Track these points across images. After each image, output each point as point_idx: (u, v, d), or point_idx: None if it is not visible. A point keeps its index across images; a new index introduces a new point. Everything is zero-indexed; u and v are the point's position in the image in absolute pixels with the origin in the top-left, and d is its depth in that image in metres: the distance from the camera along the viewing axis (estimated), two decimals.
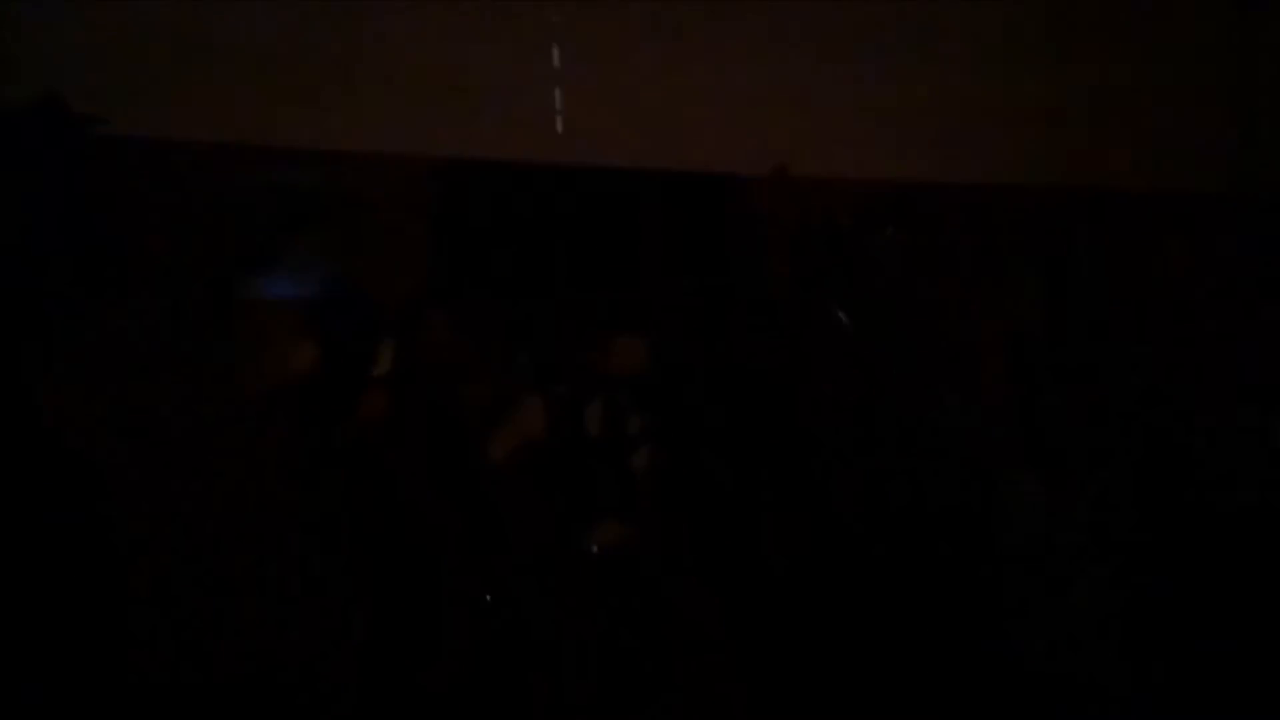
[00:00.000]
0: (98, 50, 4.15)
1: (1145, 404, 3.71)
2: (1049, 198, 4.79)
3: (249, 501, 3.17)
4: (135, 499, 3.33)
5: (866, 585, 3.58)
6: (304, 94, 4.32)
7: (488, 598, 3.54)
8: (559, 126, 4.65)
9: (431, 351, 3.60)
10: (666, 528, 3.62)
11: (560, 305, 4.30)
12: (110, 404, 3.76)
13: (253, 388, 3.29)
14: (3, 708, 2.90)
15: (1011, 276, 4.36)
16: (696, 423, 3.89)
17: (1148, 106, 4.87)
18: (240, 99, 4.28)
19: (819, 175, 4.64)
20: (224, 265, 3.95)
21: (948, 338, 4.40)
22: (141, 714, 3.00)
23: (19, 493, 3.10)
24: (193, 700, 3.01)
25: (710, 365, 4.27)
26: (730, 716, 3.40)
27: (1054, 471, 3.48)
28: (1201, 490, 3.52)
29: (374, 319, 3.51)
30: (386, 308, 3.65)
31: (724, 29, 4.83)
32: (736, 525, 3.73)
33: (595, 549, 3.51)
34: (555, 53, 4.65)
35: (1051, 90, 4.86)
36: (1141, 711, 3.22)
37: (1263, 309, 3.90)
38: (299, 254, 3.91)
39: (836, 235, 4.50)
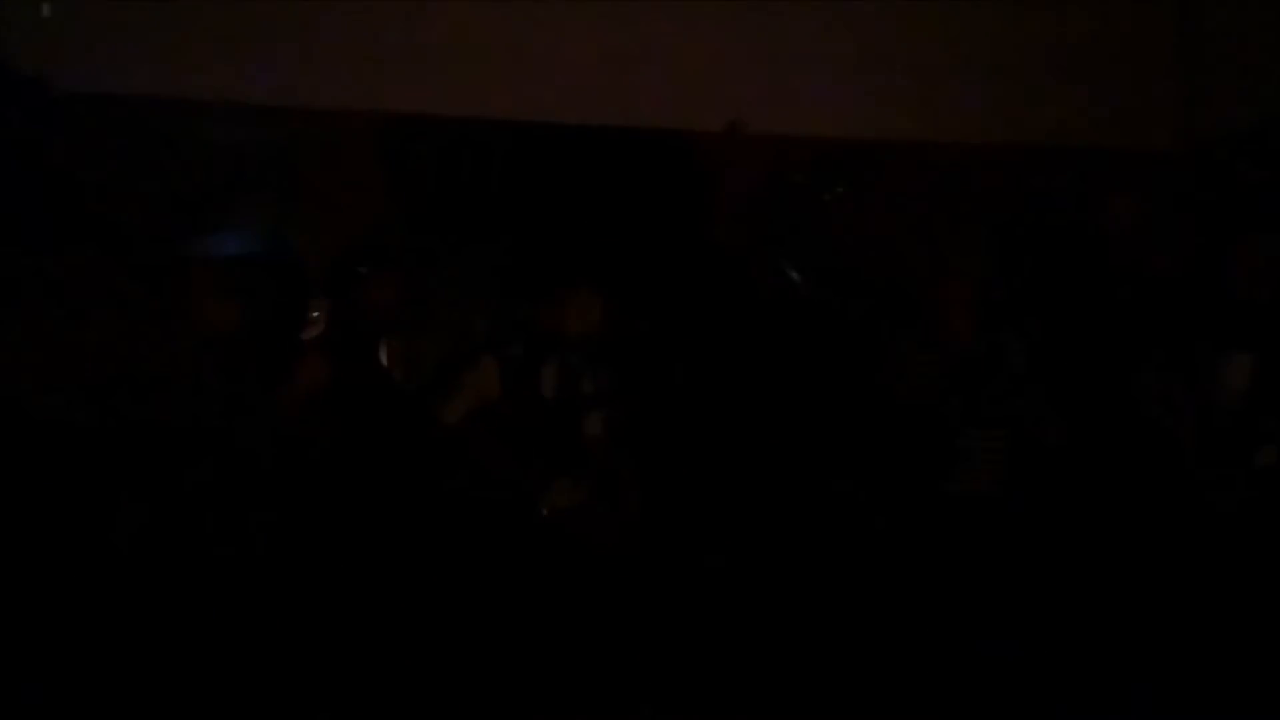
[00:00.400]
0: (37, 4, 4.03)
1: (1100, 357, 3.74)
2: (1001, 153, 4.80)
3: (188, 461, 3.09)
4: (70, 458, 3.27)
5: (825, 547, 3.60)
6: (247, 48, 4.22)
7: (441, 562, 3.53)
8: (511, 82, 4.58)
9: (374, 312, 3.53)
10: (622, 489, 3.62)
11: (512, 264, 4.26)
12: (46, 360, 3.70)
13: (186, 351, 3.21)
14: None
15: (966, 233, 4.37)
16: (651, 382, 3.88)
17: (1097, 62, 4.88)
18: (184, 53, 4.18)
19: (774, 132, 4.62)
20: (165, 222, 3.87)
21: (903, 293, 4.42)
22: None
23: None
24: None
25: (665, 323, 4.26)
26: (683, 683, 3.42)
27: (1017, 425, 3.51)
28: (1159, 440, 3.55)
29: (308, 277, 3.41)
30: (324, 266, 3.56)
31: None
32: (693, 485, 3.74)
33: (547, 511, 3.51)
34: (507, 7, 4.57)
35: (1003, 46, 4.85)
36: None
37: (1208, 261, 3.93)
38: (239, 210, 3.84)
39: (791, 191, 4.48)
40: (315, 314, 3.68)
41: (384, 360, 3.77)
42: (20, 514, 3.26)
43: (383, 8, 4.36)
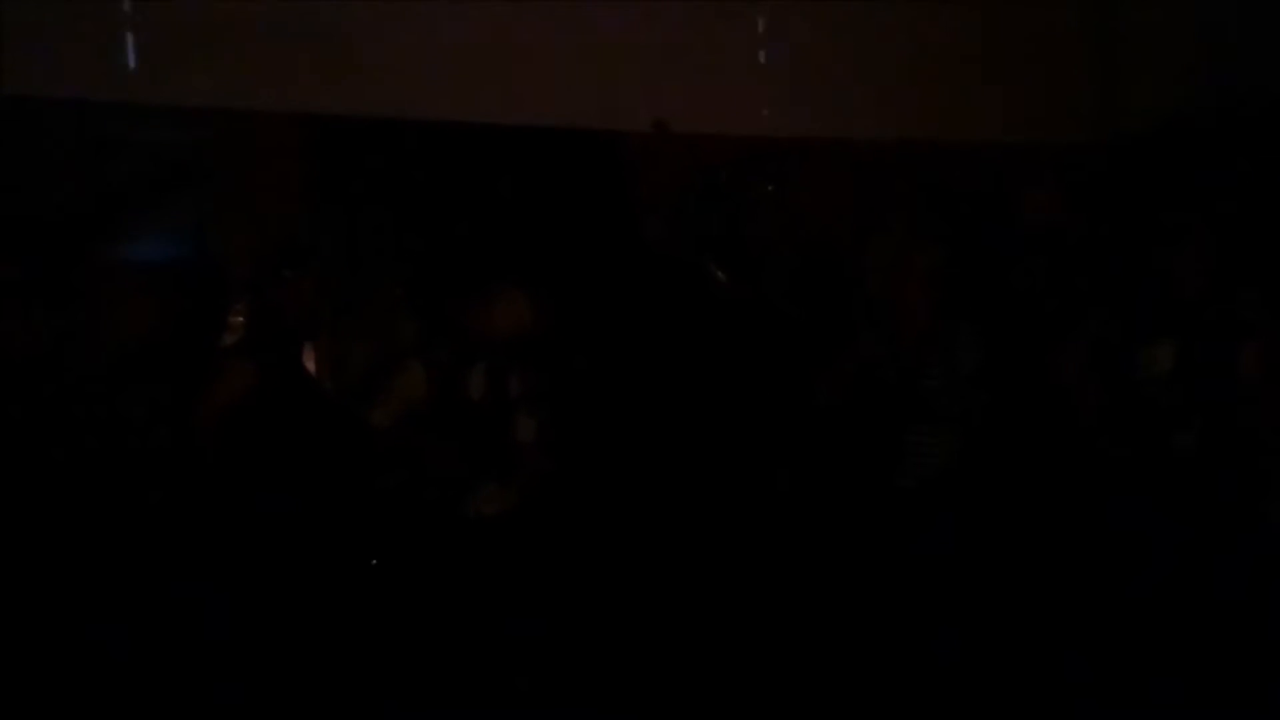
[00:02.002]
0: None
1: (1027, 349, 3.75)
2: (926, 150, 4.81)
3: (104, 478, 2.98)
4: None
5: (762, 548, 3.56)
6: (165, 48, 4.09)
7: (373, 562, 3.45)
8: (435, 82, 4.49)
9: (298, 315, 3.43)
10: (550, 492, 3.55)
11: (438, 265, 4.17)
12: None
13: (101, 357, 3.10)
14: None
15: (890, 230, 4.35)
16: (583, 382, 3.82)
17: (1015, 58, 4.91)
18: (101, 53, 4.04)
19: (699, 130, 4.59)
20: (81, 225, 3.74)
21: (826, 291, 4.40)
22: None
23: None
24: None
25: (595, 323, 4.20)
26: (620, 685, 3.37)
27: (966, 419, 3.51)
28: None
29: (230, 280, 3.31)
30: (246, 269, 3.46)
31: None
32: (628, 484, 3.68)
33: (476, 515, 3.43)
34: (431, 6, 4.48)
35: (924, 44, 4.86)
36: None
37: (1129, 251, 3.96)
38: (158, 213, 3.71)
39: (717, 190, 4.45)
40: (237, 318, 3.58)
41: (309, 364, 3.67)
42: None
43: (304, 7, 4.25)
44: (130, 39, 4.03)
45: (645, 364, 3.92)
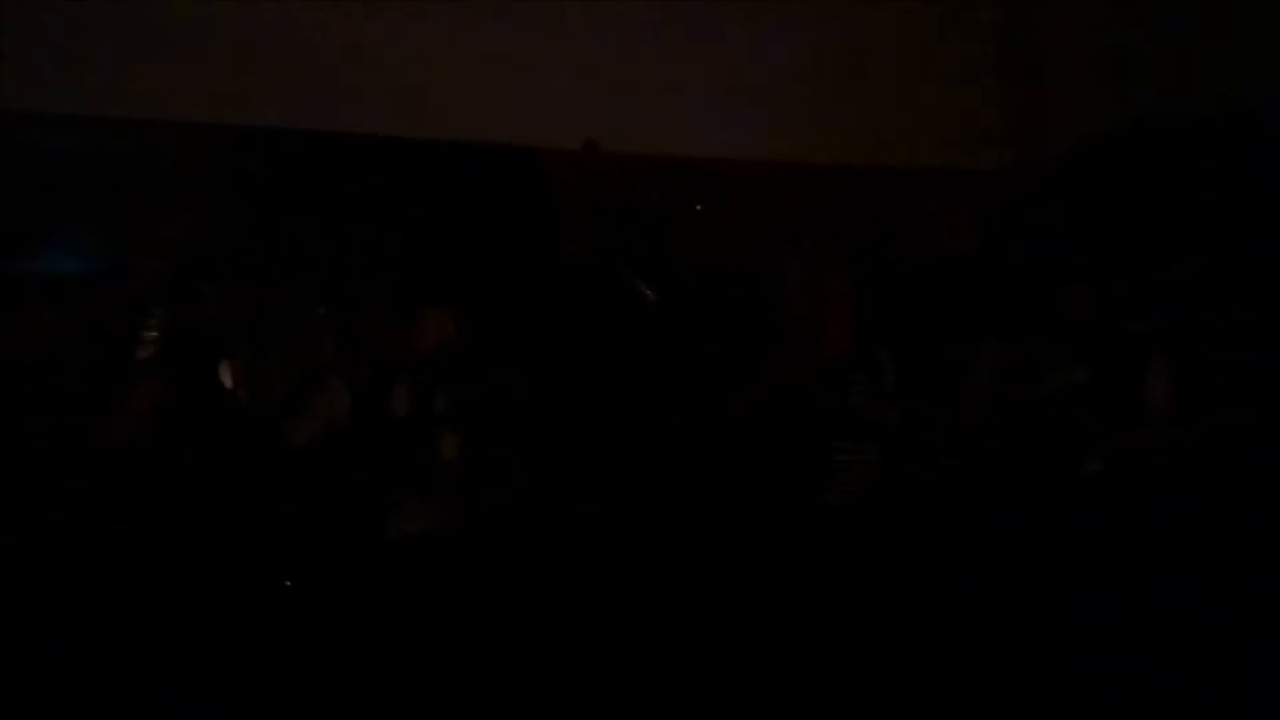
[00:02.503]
0: None
1: (944, 369, 3.81)
2: (849, 174, 4.88)
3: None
4: None
5: (686, 563, 3.55)
6: (79, 56, 3.97)
7: (287, 583, 3.35)
8: (361, 95, 4.43)
9: (216, 330, 3.34)
10: (474, 509, 3.50)
11: (362, 280, 4.10)
12: None
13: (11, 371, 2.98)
14: None
15: (810, 251, 4.40)
16: (504, 400, 3.78)
17: (932, 88, 5.01)
18: (12, 61, 3.91)
19: (628, 150, 4.60)
20: None
21: (750, 310, 4.43)
22: None
23: None
24: None
25: (520, 339, 4.17)
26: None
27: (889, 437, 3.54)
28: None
29: (143, 294, 3.21)
30: (162, 281, 3.36)
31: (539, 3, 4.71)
32: (547, 502, 3.64)
33: (398, 534, 3.37)
34: (357, 18, 4.42)
35: (846, 72, 4.94)
36: None
37: (1035, 277, 4.05)
38: (71, 223, 3.59)
39: (644, 210, 4.46)
40: (151, 332, 3.47)
41: (226, 380, 3.58)
42: None
43: (223, 17, 4.17)
44: (47, 45, 3.91)
45: (569, 380, 3.90)
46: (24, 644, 2.78)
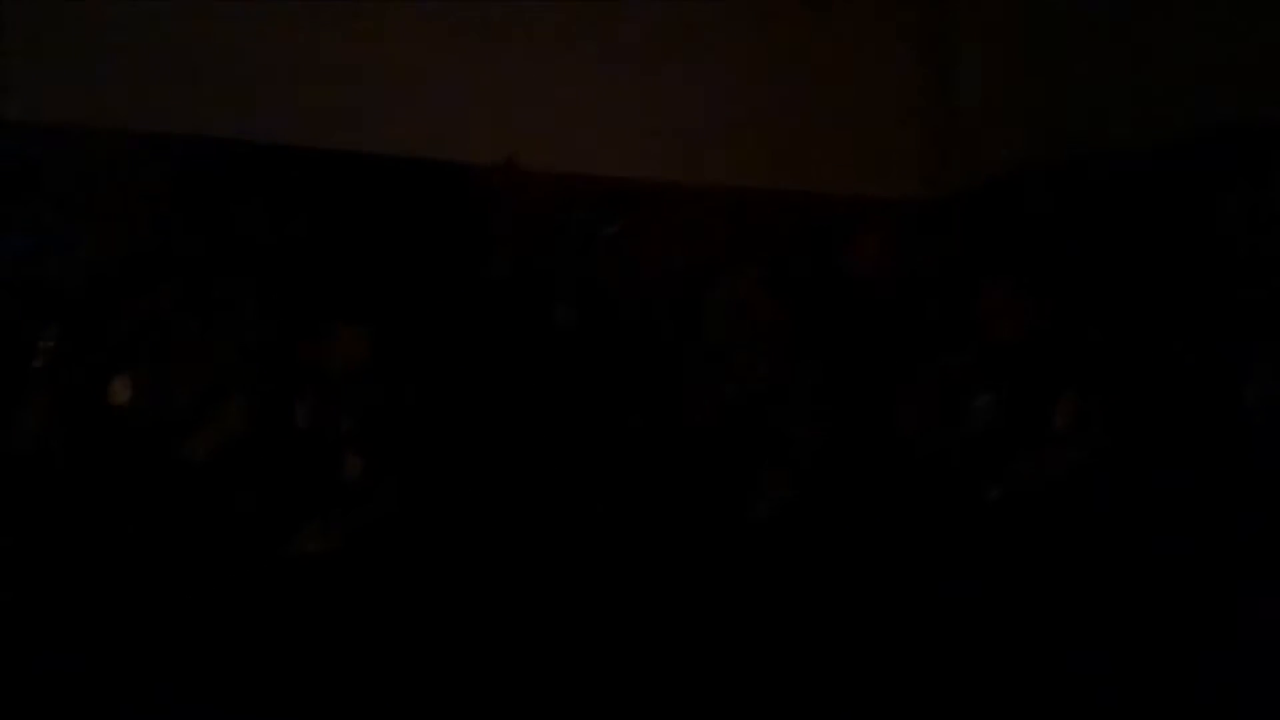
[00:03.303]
0: None
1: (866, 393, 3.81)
2: (771, 199, 4.87)
3: None
4: None
5: (604, 588, 3.50)
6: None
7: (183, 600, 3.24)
8: (279, 104, 4.33)
9: (113, 341, 3.23)
10: (380, 530, 3.41)
11: (272, 293, 3.99)
12: None
13: None
14: None
15: (734, 274, 4.38)
16: (413, 422, 3.70)
17: (853, 114, 5.02)
18: None
19: (552, 169, 4.54)
20: None
21: (675, 333, 4.40)
22: None
23: None
24: None
25: (436, 359, 4.09)
26: None
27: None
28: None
29: (39, 304, 3.10)
30: (57, 290, 3.24)
31: (466, 17, 4.64)
32: (457, 528, 3.57)
33: (297, 554, 3.27)
34: (277, 26, 4.33)
35: (768, 95, 4.93)
36: None
37: (955, 304, 4.07)
38: None
39: (567, 230, 4.41)
40: (47, 343, 3.35)
41: (123, 392, 3.46)
42: None
43: (140, 19, 4.05)
44: None
45: (486, 404, 3.83)
46: None
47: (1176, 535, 3.28)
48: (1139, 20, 4.34)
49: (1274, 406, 3.31)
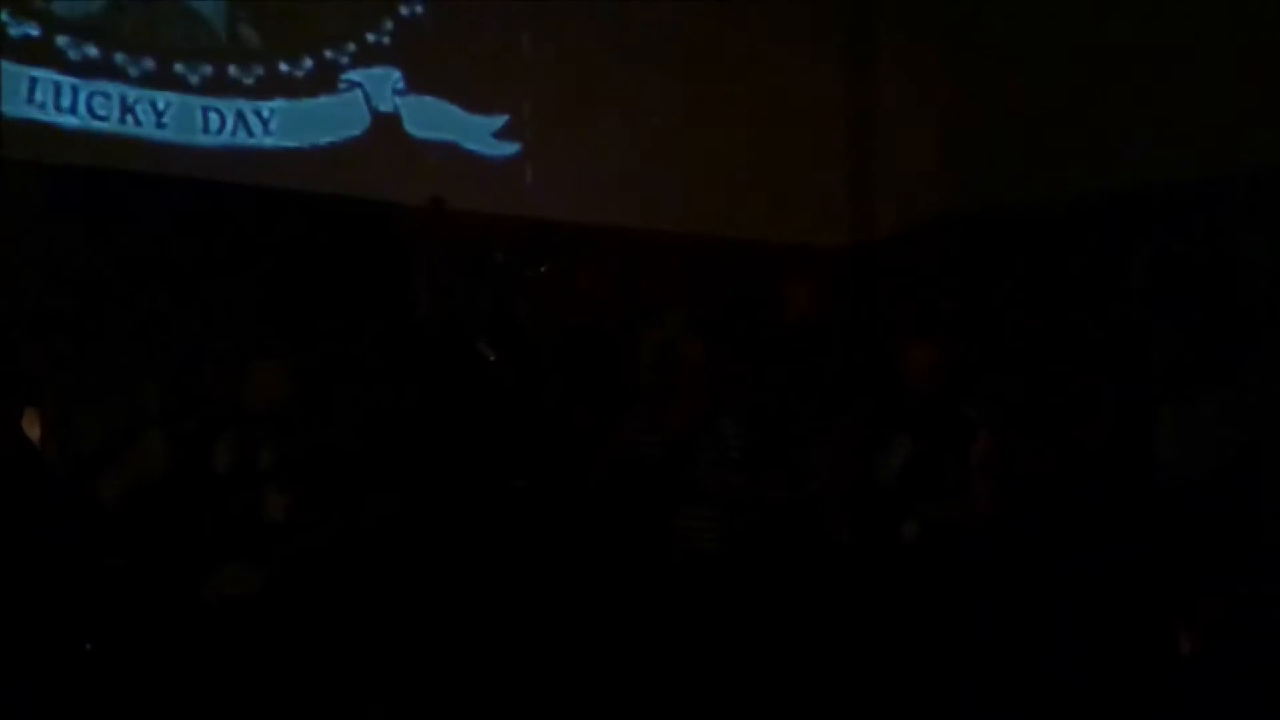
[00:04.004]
0: None
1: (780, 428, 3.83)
2: (697, 243, 4.91)
3: None
4: None
5: (527, 628, 3.44)
6: None
7: (88, 647, 3.08)
8: (206, 143, 4.24)
9: (24, 377, 3.09)
10: (300, 572, 3.29)
11: (193, 331, 3.87)
12: None
13: None
14: None
15: (660, 318, 4.38)
16: (337, 459, 3.60)
17: (782, 165, 5.11)
18: None
19: (475, 210, 4.51)
20: None
21: (596, 373, 4.38)
22: None
23: None
24: None
25: (355, 398, 4.01)
26: None
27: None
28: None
29: None
30: None
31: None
32: (378, 568, 3.47)
33: (215, 598, 3.13)
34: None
35: (700, 146, 4.99)
36: None
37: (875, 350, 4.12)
38: None
39: (489, 270, 4.37)
40: None
41: (33, 430, 3.31)
42: None
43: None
44: None
45: (408, 442, 3.75)
46: None
47: (1087, 559, 3.39)
48: (1069, 76, 4.51)
49: (1184, 458, 3.42)
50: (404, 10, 4.65)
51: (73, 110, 4.04)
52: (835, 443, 3.73)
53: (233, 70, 4.32)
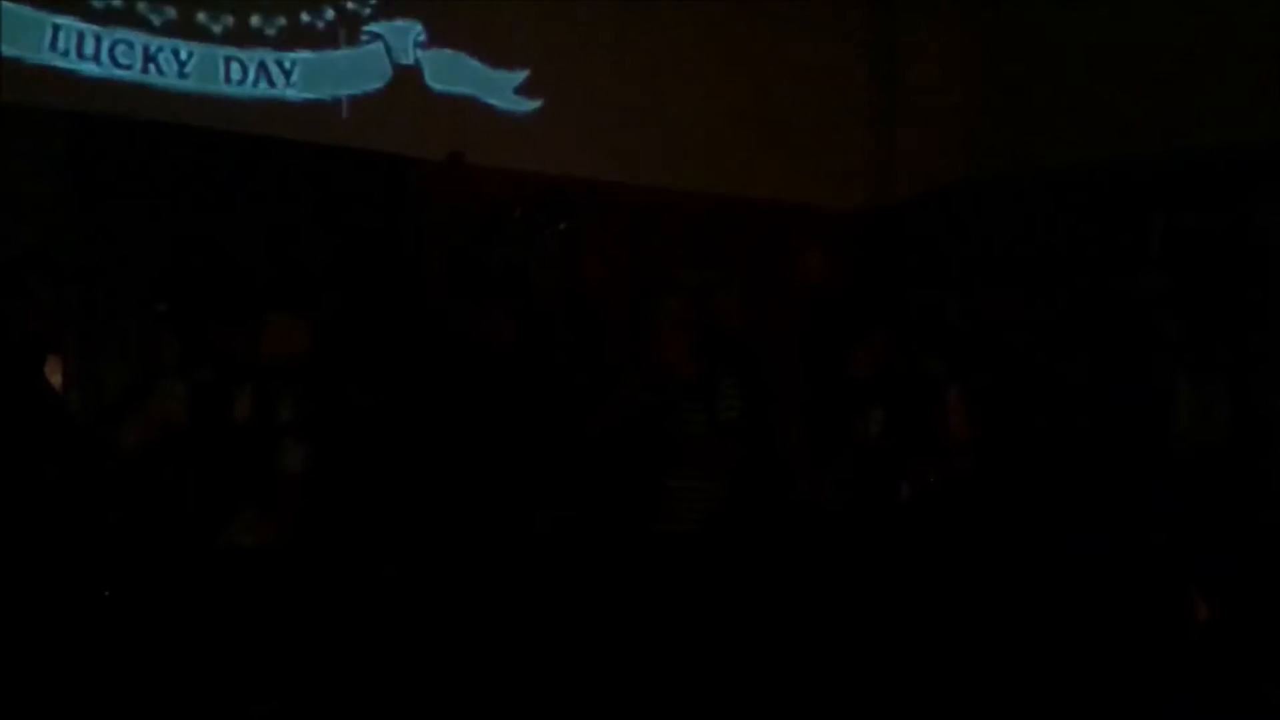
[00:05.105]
0: None
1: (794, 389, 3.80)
2: (714, 203, 4.86)
3: None
4: None
5: (527, 589, 3.43)
6: None
7: (106, 594, 3.10)
8: (228, 93, 4.21)
9: (42, 325, 3.08)
10: (315, 522, 3.30)
11: (211, 282, 3.86)
12: None
13: None
14: None
15: (662, 280, 4.33)
16: (354, 412, 3.60)
17: (801, 129, 5.04)
18: None
19: (494, 165, 4.47)
20: None
21: (615, 328, 4.35)
22: None
23: None
24: None
25: (372, 352, 3.99)
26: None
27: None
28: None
29: None
30: None
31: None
32: (391, 519, 3.48)
33: (231, 546, 3.14)
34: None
35: (717, 107, 4.92)
36: None
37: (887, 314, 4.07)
38: None
39: (508, 225, 4.34)
40: None
41: (53, 378, 3.31)
42: None
43: None
44: None
45: (420, 398, 3.74)
46: None
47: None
48: (1089, 42, 4.42)
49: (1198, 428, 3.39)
50: None
51: (95, 58, 4.01)
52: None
53: (255, 20, 4.27)
